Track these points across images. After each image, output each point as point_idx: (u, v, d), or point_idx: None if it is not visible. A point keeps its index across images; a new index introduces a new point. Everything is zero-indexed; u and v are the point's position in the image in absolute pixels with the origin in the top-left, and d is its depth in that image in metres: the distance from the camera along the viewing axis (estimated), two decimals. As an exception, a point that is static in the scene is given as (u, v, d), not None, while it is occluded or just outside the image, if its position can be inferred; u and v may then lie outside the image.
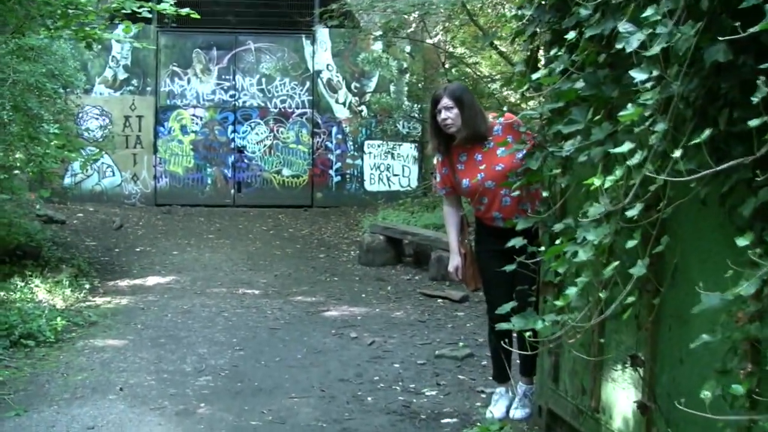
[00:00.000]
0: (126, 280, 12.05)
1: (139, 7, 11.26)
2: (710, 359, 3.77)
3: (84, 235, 15.71)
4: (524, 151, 5.53)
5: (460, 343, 8.85)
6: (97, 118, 19.63)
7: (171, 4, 10.94)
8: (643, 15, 3.51)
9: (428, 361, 8.33)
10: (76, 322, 9.44)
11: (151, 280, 12.05)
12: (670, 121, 3.51)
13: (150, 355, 8.40)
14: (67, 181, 19.49)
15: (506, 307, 5.34)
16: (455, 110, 6.21)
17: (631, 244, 3.85)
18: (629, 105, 3.59)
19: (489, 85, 16.12)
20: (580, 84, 4.32)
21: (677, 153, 3.28)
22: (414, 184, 20.16)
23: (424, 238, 13.05)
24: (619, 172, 3.83)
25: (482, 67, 18.03)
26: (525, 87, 5.18)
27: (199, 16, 11.50)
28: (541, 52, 5.35)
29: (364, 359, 8.40)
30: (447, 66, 14.96)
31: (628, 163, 3.66)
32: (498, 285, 6.35)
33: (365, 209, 18.97)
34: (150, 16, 12.16)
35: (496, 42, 14.50)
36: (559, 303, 4.28)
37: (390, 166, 20.40)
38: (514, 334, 6.10)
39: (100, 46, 19.02)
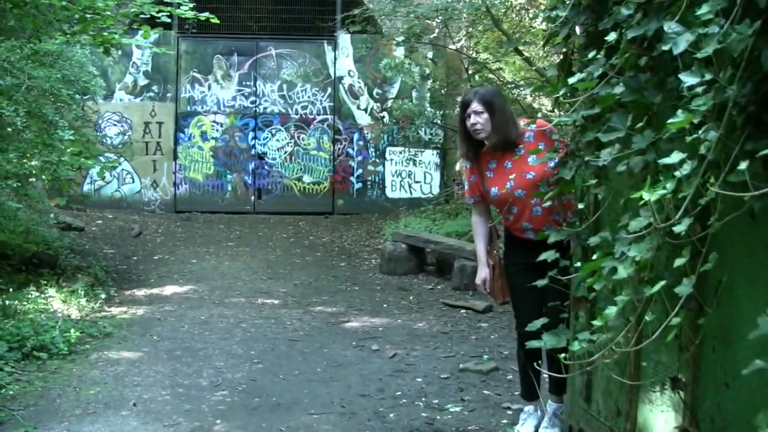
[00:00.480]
0: (143, 289, 11.80)
1: (158, 12, 10.96)
2: (761, 385, 3.46)
3: (102, 242, 15.48)
4: (557, 160, 5.24)
5: (485, 356, 8.55)
6: (116, 125, 19.40)
7: (190, 8, 10.58)
8: (697, 13, 3.20)
9: (452, 375, 8.03)
10: (90, 333, 9.18)
11: (169, 290, 11.79)
12: (723, 129, 3.20)
13: (165, 368, 8.13)
14: (87, 187, 19.29)
15: (537, 324, 5.04)
16: (485, 115, 5.92)
17: (679, 262, 3.53)
18: (679, 111, 3.28)
19: (513, 91, 15.82)
20: (619, 89, 4.02)
21: (743, 165, 2.96)
22: (436, 191, 19.85)
23: (447, 247, 12.74)
24: (670, 185, 3.51)
25: (505, 73, 17.71)
26: (560, 92, 4.90)
27: (218, 21, 11.23)
28: (574, 55, 5.04)
29: (385, 373, 8.11)
30: (470, 72, 14.65)
31: (677, 174, 3.35)
32: (527, 299, 6.05)
33: (386, 216, 18.66)
34: (170, 21, 11.93)
35: (521, 47, 14.19)
36: (597, 322, 3.98)
37: (412, 173, 20.09)
38: (544, 351, 5.85)
39: (120, 52, 18.99)
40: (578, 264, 5.21)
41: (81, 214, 18.22)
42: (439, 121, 18.06)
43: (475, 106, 5.92)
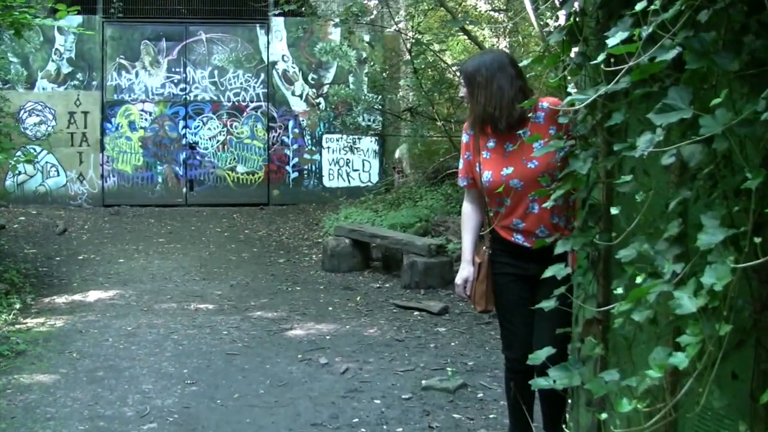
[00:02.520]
0: (64, 295, 10.45)
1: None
2: None
3: (24, 241, 14.08)
4: (567, 149, 4.05)
5: (449, 370, 7.36)
6: (39, 115, 17.93)
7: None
8: None
9: (414, 395, 6.86)
10: (0, 352, 7.86)
11: (93, 295, 10.45)
12: None
13: (84, 394, 6.85)
14: (9, 182, 17.84)
15: (540, 355, 3.88)
16: (466, 90, 4.87)
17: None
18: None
19: (457, 74, 14.69)
20: (671, 53, 2.85)
21: None
22: (375, 179, 18.70)
23: (394, 242, 11.52)
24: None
25: (446, 56, 16.53)
26: (567, 66, 3.74)
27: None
28: (588, 16, 3.87)
29: (338, 393, 6.92)
30: (412, 53, 13.47)
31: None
32: (517, 316, 4.92)
33: (325, 207, 17.46)
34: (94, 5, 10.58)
35: (467, 27, 13.05)
36: (653, 373, 2.83)
37: (350, 161, 18.90)
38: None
39: (41, 38, 17.58)
40: (581, 278, 4.09)
41: (2, 210, 16.80)
42: (378, 107, 16.84)
43: (461, 77, 4.88)
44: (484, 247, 5.03)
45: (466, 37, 14.33)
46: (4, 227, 14.98)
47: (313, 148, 18.85)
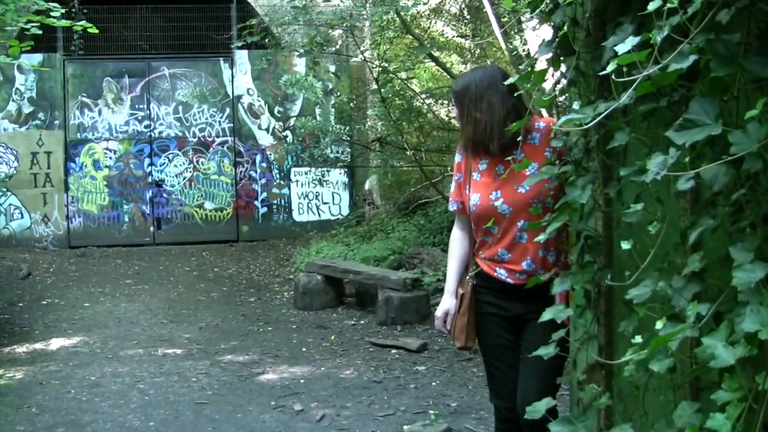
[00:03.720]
0: (25, 344, 9.88)
1: (26, 23, 9.17)
2: None
3: (-15, 287, 13.51)
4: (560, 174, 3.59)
5: (432, 413, 6.86)
6: (1, 156, 17.35)
7: (60, 15, 8.81)
8: None
9: (396, 443, 6.38)
10: (-48, 410, 7.34)
11: (56, 343, 9.89)
12: None
13: (41, 455, 6.35)
14: (-29, 225, 17.25)
15: (540, 408, 3.42)
16: (457, 109, 4.46)
17: None
18: None
19: (426, 102, 14.30)
20: (688, 60, 2.42)
21: None
22: (345, 212, 18.19)
23: (368, 277, 11.02)
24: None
25: (413, 84, 16.09)
26: (554, 82, 3.31)
27: (97, 31, 9.59)
28: (581, 27, 3.42)
29: (314, 443, 6.43)
30: (380, 83, 13.02)
31: None
32: (502, 359, 4.44)
33: (295, 242, 16.93)
34: (54, 43, 10.09)
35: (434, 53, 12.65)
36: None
37: (319, 194, 18.40)
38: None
39: (1, 78, 17.04)
40: (579, 319, 3.65)
41: (-36, 255, 16.23)
42: (346, 138, 16.38)
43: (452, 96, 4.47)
44: (467, 277, 4.53)
45: (433, 63, 13.92)
46: (-35, 273, 14.44)
47: (282, 182, 18.34)
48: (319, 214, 18.40)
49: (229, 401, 7.58)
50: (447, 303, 4.57)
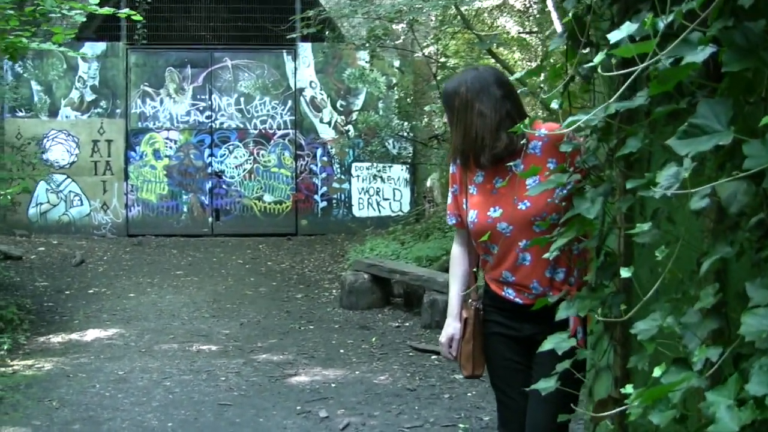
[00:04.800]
0: (61, 334, 9.63)
1: (69, 10, 8.88)
2: None
3: (38, 273, 13.31)
4: (571, 185, 3.12)
5: (461, 427, 6.43)
6: (62, 143, 17.22)
7: (98, 2, 8.51)
8: None
9: (418, 458, 5.95)
10: (-26, 401, 7.07)
11: (91, 334, 9.62)
12: None
13: (49, 455, 6.03)
14: (32, 211, 17.12)
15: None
16: (446, 116, 3.98)
17: None
18: None
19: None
20: (703, 52, 1.96)
21: None
22: (406, 208, 17.71)
23: (414, 278, 10.58)
24: None
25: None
26: (566, 79, 2.86)
27: (141, 18, 9.18)
28: (593, 14, 2.95)
29: (333, 455, 6.03)
30: (438, 78, 12.59)
31: None
32: (511, 384, 3.96)
33: (353, 237, 16.51)
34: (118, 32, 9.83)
35: (494, 49, 12.16)
36: None
37: (380, 190, 17.97)
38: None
39: (65, 66, 16.90)
40: (590, 352, 3.21)
41: (23, 240, 16.09)
42: (406, 134, 15.95)
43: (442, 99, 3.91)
44: (470, 300, 4.06)
45: (494, 60, 13.45)
46: (21, 258, 14.30)
47: (342, 177, 17.96)
48: (379, 210, 17.98)
49: (254, 404, 7.21)
50: (450, 328, 4.11)
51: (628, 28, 2.04)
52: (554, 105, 2.80)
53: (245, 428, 6.63)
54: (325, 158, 17.88)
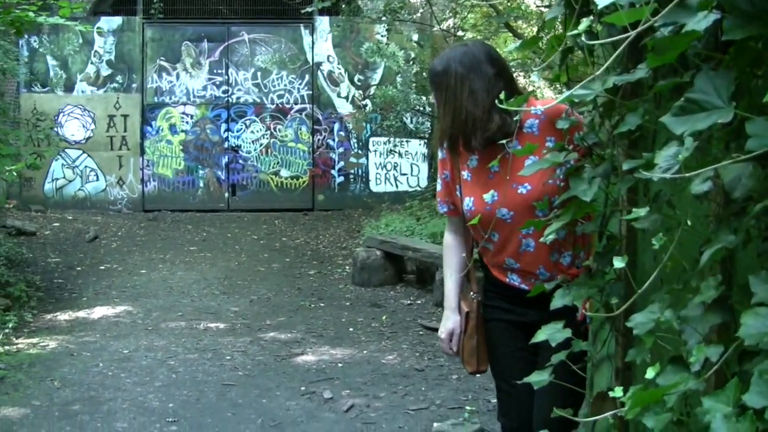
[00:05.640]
0: (68, 311, 9.47)
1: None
2: None
3: (51, 249, 13.17)
4: (571, 163, 2.87)
5: (467, 409, 6.21)
6: (79, 118, 17.06)
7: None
8: None
9: (421, 443, 5.75)
10: (-25, 379, 6.91)
11: (99, 312, 9.45)
12: None
13: (47, 437, 5.86)
14: (48, 186, 16.99)
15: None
16: (434, 95, 3.66)
17: None
18: None
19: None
20: (705, 20, 1.73)
21: None
22: (424, 183, 17.45)
23: (427, 255, 10.35)
24: None
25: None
26: (563, 50, 2.62)
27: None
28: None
29: (335, 439, 5.83)
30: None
31: None
32: (513, 372, 3.68)
33: (370, 212, 16.28)
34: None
35: (512, 23, 11.88)
36: None
37: (397, 165, 17.74)
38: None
39: (80, 41, 16.72)
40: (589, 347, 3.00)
41: (39, 215, 15.96)
42: (423, 108, 15.69)
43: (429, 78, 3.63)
44: (471, 293, 3.80)
45: (512, 34, 13.17)
46: (35, 234, 14.18)
47: (360, 152, 17.74)
48: (397, 186, 17.77)
49: (258, 384, 7.02)
50: (450, 322, 3.83)
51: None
52: (534, 77, 2.55)
53: (247, 409, 6.44)
54: (342, 133, 17.67)
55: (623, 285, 2.69)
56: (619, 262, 2.15)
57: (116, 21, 16.96)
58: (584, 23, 1.85)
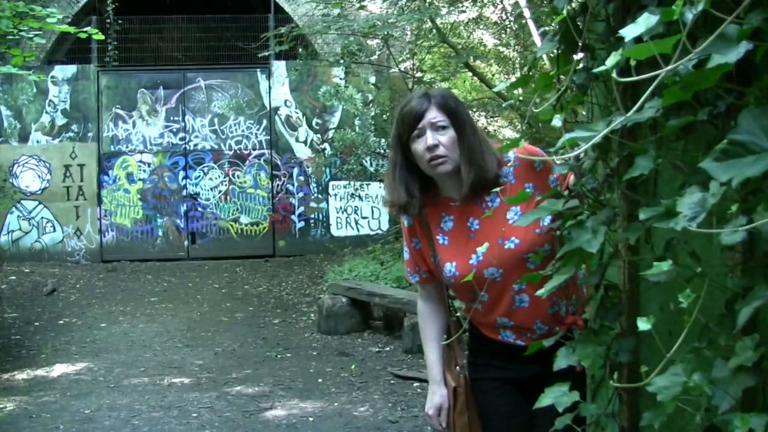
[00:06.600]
0: (27, 369, 9.11)
1: (27, 31, 8.43)
2: None
3: (7, 304, 12.77)
4: (562, 207, 2.62)
5: (446, 463, 5.94)
6: (34, 168, 16.72)
7: (58, 18, 8.05)
8: None
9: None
10: (-75, 450, 6.57)
11: (58, 369, 9.11)
12: None
13: None
14: (3, 238, 16.61)
15: None
16: (451, 132, 3.14)
17: None
18: None
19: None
20: (738, 49, 1.53)
21: None
22: (385, 226, 17.24)
23: (394, 300, 10.10)
24: None
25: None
26: (558, 90, 2.43)
27: (102, 37, 8.73)
28: (587, 15, 2.49)
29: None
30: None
31: None
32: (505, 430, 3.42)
33: (332, 257, 16.04)
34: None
35: (471, 63, 11.75)
36: None
37: (358, 209, 17.53)
38: None
39: (35, 90, 16.42)
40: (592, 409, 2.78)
41: (-7, 269, 15.58)
42: (382, 151, 15.52)
43: (434, 115, 3.14)
44: (456, 366, 3.46)
45: (472, 74, 13.03)
46: (-10, 288, 13.77)
47: (320, 196, 17.51)
48: (358, 229, 17.55)
49: (227, 443, 6.74)
50: (437, 397, 3.47)
51: (646, 20, 1.59)
52: (556, 122, 2.34)
53: (216, 471, 6.16)
54: (301, 178, 17.45)
55: (633, 340, 2.47)
56: (644, 324, 1.91)
57: (71, 69, 16.70)
58: (613, 58, 1.63)
